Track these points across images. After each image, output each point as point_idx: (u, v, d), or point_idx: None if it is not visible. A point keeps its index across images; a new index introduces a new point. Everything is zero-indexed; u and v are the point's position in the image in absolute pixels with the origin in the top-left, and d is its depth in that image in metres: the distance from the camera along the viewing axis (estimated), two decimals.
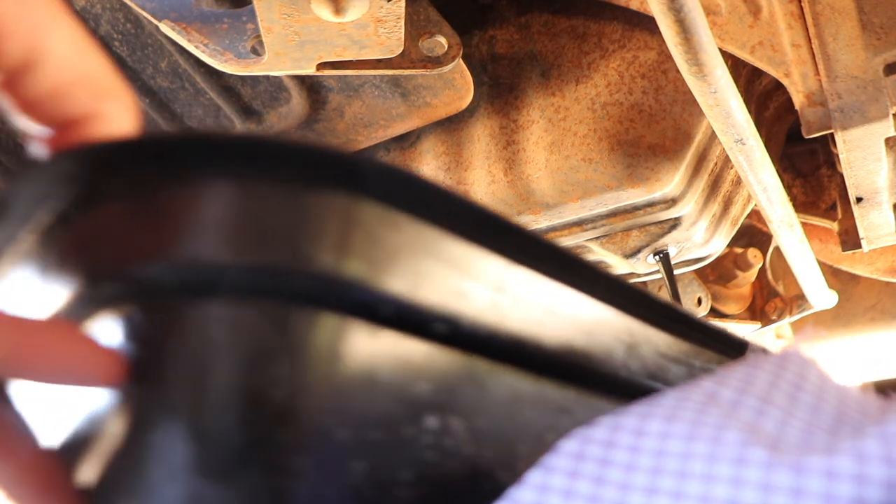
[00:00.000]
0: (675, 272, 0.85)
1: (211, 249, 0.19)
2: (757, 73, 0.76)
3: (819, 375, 0.25)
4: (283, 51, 0.54)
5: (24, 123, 0.25)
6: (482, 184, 0.75)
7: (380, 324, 0.20)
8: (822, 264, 0.91)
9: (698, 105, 0.54)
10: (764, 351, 0.28)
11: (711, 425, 0.22)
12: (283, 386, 0.18)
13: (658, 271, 0.81)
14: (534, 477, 0.22)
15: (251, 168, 0.19)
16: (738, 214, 0.83)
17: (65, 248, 0.21)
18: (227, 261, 0.19)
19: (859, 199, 0.77)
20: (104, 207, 0.21)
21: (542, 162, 0.72)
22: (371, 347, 0.20)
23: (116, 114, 0.25)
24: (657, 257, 0.79)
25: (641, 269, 0.81)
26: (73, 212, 0.21)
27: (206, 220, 0.19)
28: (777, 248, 1.07)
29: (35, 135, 0.26)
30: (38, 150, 0.26)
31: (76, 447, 0.22)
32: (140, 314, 0.20)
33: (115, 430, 0.20)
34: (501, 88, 0.76)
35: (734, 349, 0.34)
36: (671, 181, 0.69)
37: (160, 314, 0.20)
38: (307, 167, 0.19)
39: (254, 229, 0.19)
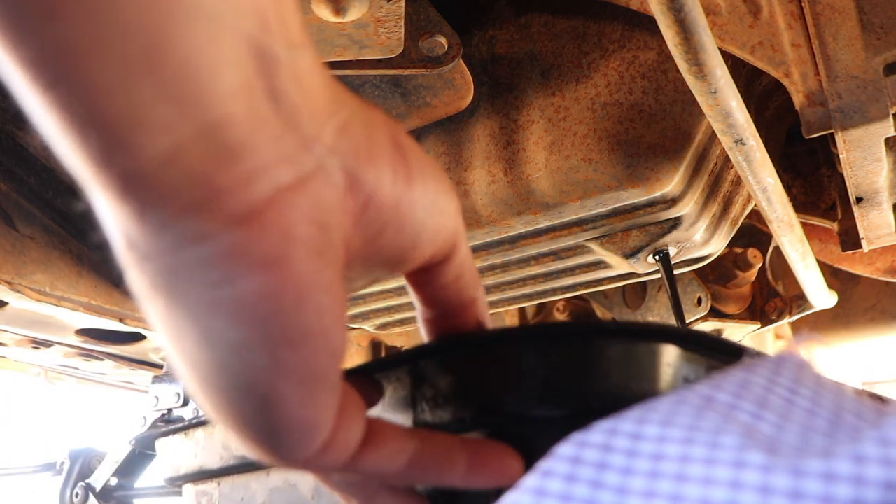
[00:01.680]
0: (675, 272, 0.85)
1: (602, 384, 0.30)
2: (757, 73, 0.76)
3: (815, 378, 0.25)
4: None
5: (416, 303, 0.29)
6: (482, 184, 0.75)
7: None
8: (822, 264, 0.91)
9: (698, 105, 0.54)
10: (759, 355, 0.29)
11: (709, 429, 0.22)
12: None
13: (658, 271, 0.81)
14: (530, 481, 0.22)
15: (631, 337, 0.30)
16: (738, 214, 0.83)
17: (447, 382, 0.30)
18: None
19: (859, 199, 0.77)
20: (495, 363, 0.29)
21: (542, 162, 0.72)
22: None
23: (483, 298, 0.30)
24: (657, 257, 0.78)
25: (641, 269, 0.81)
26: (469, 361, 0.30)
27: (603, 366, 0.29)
28: (777, 248, 1.07)
29: (423, 315, 0.29)
30: (424, 328, 0.30)
31: None
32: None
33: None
34: (501, 88, 0.76)
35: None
36: (671, 181, 0.69)
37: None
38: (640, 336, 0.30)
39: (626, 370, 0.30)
